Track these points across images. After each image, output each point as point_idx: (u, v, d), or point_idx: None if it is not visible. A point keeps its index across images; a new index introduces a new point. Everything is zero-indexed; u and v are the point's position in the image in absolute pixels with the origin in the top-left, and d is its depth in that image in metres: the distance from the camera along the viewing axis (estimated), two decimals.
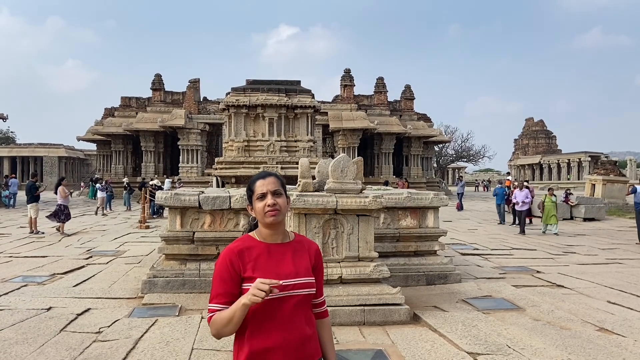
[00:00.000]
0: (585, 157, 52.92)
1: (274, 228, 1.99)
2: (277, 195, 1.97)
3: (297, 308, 1.92)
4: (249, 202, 2.04)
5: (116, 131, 32.91)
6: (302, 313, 1.95)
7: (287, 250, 1.99)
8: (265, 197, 1.96)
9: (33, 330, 5.17)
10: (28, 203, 13.93)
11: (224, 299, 1.88)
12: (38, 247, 11.08)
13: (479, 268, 8.81)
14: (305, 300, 1.97)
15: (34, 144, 52.87)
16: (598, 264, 9.31)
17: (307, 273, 1.99)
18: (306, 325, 1.95)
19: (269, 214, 1.94)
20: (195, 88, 34.18)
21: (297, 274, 1.94)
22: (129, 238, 12.89)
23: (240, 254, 1.93)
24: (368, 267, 5.81)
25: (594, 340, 4.88)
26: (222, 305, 1.87)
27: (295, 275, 1.94)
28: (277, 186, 1.99)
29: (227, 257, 1.92)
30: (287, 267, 1.95)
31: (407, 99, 37.42)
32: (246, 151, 16.60)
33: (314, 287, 2.00)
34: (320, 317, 2.11)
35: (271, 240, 2.00)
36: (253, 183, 2.01)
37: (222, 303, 1.88)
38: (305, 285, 1.95)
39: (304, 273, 1.97)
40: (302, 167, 6.24)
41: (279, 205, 1.96)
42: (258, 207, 1.97)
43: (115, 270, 8.52)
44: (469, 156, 53.69)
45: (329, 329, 2.14)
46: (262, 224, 1.99)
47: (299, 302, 1.93)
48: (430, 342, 4.86)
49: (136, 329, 5.26)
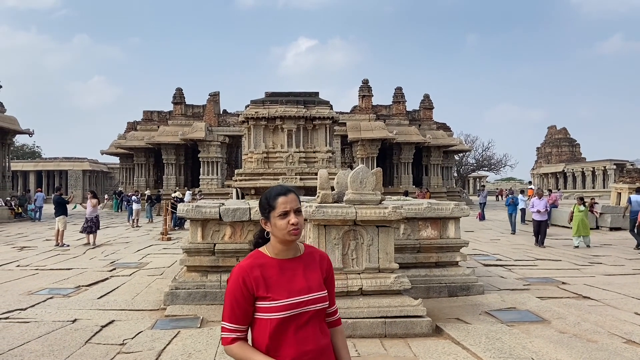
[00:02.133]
0: (610, 165, 51.85)
1: (291, 244, 1.99)
2: (299, 214, 1.97)
3: (312, 322, 1.94)
4: (265, 217, 2.01)
5: (138, 144, 33.48)
6: (317, 325, 1.96)
7: (299, 266, 1.99)
8: (288, 214, 1.94)
9: (59, 342, 5.26)
10: (56, 216, 14.26)
11: (237, 319, 1.91)
12: (63, 260, 11.29)
13: (502, 279, 8.67)
14: (319, 313, 1.98)
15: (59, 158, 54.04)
16: (625, 275, 9.08)
17: (320, 287, 1.99)
18: (321, 336, 1.97)
19: (292, 232, 1.93)
20: (215, 101, 34.62)
21: (309, 289, 1.95)
22: (151, 250, 13.05)
23: (252, 273, 1.93)
24: (389, 279, 5.78)
25: (621, 352, 4.76)
26: (235, 325, 1.90)
27: (308, 290, 1.94)
28: (298, 204, 1.99)
29: (240, 278, 1.92)
30: (300, 283, 1.95)
31: (426, 108, 37.26)
32: (265, 163, 16.69)
33: (327, 300, 2.02)
34: (334, 325, 2.11)
35: (283, 256, 2.00)
36: (274, 199, 1.97)
37: (236, 323, 1.91)
38: (318, 300, 1.96)
39: (316, 288, 1.98)
40: (321, 179, 6.26)
41: (300, 224, 1.96)
42: (280, 224, 1.94)
43: (138, 282, 8.63)
44: (490, 165, 53.13)
45: (343, 336, 2.14)
46: (280, 240, 1.98)
47: (313, 316, 1.94)
48: (453, 355, 4.80)
49: (159, 340, 5.32)
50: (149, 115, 36.14)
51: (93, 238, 14.22)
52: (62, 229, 13.92)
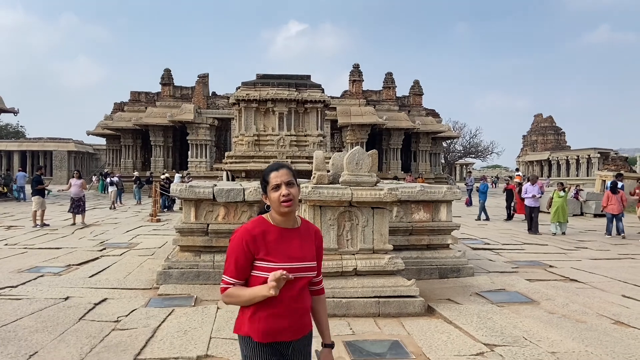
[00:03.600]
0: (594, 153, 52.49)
1: (287, 215, 2.17)
2: (290, 186, 2.15)
3: (302, 287, 2.18)
4: (264, 192, 2.22)
5: (126, 126, 33.07)
6: (305, 291, 2.23)
7: (296, 236, 2.20)
8: (279, 188, 2.13)
9: (52, 319, 5.24)
10: (33, 195, 14.08)
11: (237, 275, 2.14)
12: (52, 239, 11.20)
13: (490, 262, 8.80)
14: (308, 280, 2.23)
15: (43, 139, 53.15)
16: (611, 259, 9.27)
17: (312, 258, 2.23)
18: (307, 301, 2.24)
19: (284, 204, 2.12)
20: (204, 83, 34.25)
21: (304, 258, 2.18)
22: (140, 231, 12.98)
23: (255, 235, 2.13)
24: (383, 259, 5.83)
25: (610, 333, 4.88)
26: (235, 280, 2.13)
27: (303, 259, 2.17)
28: (290, 177, 2.17)
29: (243, 238, 2.13)
30: (296, 251, 2.16)
31: (416, 94, 37.28)
32: (256, 145, 16.64)
33: (316, 270, 2.27)
34: (318, 294, 2.36)
35: (283, 225, 2.19)
36: (267, 175, 2.19)
37: (235, 277, 2.14)
38: (310, 269, 2.21)
39: (310, 257, 2.21)
40: (317, 160, 6.26)
41: (292, 195, 2.14)
42: (273, 197, 2.14)
43: (129, 261, 8.60)
44: (477, 152, 53.45)
45: (325, 304, 2.41)
46: (277, 212, 2.17)
47: (303, 282, 2.19)
48: (446, 333, 4.88)
49: (153, 318, 5.32)
50: (137, 96, 35.65)
51: (82, 217, 14.17)
52: (36, 209, 13.62)
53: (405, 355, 4.33)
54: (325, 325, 2.36)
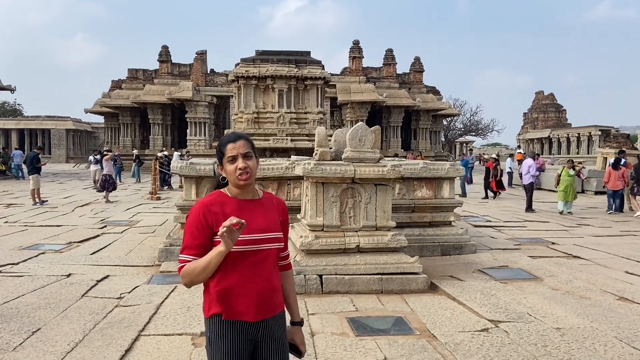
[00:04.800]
0: (595, 131, 52.25)
1: (244, 188, 2.06)
2: (248, 158, 2.03)
3: (266, 261, 2.03)
4: (219, 163, 2.09)
5: (124, 103, 32.78)
6: (271, 266, 2.06)
7: (258, 207, 2.08)
8: (236, 159, 2.01)
9: (55, 296, 5.22)
10: (29, 174, 14.05)
11: (195, 251, 1.96)
12: (52, 217, 11.16)
13: (492, 239, 8.79)
14: (274, 254, 2.09)
15: (41, 117, 52.72)
16: (613, 236, 9.26)
17: (277, 228, 2.09)
18: (276, 278, 2.09)
19: (240, 177, 2.00)
20: (203, 60, 33.85)
21: (268, 229, 2.04)
22: (141, 209, 12.95)
23: (212, 208, 2.00)
24: (386, 236, 5.79)
25: (615, 309, 4.87)
26: (193, 257, 1.94)
27: (267, 230, 2.03)
28: (247, 149, 2.04)
29: (199, 211, 1.99)
30: (259, 222, 2.03)
31: (417, 71, 36.91)
32: (256, 123, 16.50)
33: (282, 241, 2.13)
34: (285, 269, 2.23)
35: (242, 197, 2.07)
36: (224, 146, 2.06)
37: (193, 254, 1.95)
38: (275, 240, 2.07)
39: (274, 228, 2.08)
40: (319, 136, 6.18)
41: (250, 168, 2.02)
42: (229, 169, 2.02)
43: (130, 239, 8.58)
44: (477, 130, 53.25)
45: (292, 280, 2.29)
46: (234, 184, 2.06)
47: (268, 256, 2.04)
48: (450, 309, 4.87)
49: (156, 295, 5.31)
50: (134, 74, 35.26)
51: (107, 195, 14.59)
52: (32, 187, 13.62)
53: (409, 331, 4.32)
54: (294, 302, 2.24)
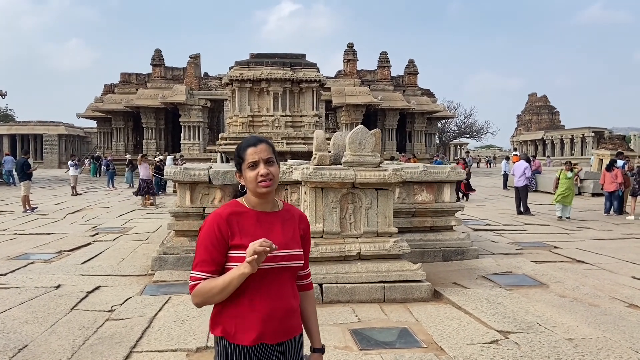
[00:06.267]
0: (589, 132, 52.42)
1: (265, 197, 1.88)
2: (270, 164, 1.86)
3: (285, 280, 1.87)
4: (238, 171, 1.92)
5: (116, 108, 32.46)
6: (290, 285, 1.90)
7: (277, 220, 1.90)
8: (257, 165, 1.84)
9: (43, 309, 5.00)
10: (20, 181, 13.81)
11: (210, 267, 1.79)
12: (42, 224, 10.90)
13: (493, 244, 8.63)
14: (293, 272, 1.91)
15: (33, 122, 52.19)
16: (615, 239, 9.13)
17: (297, 245, 1.91)
18: (292, 298, 1.90)
19: (262, 184, 1.83)
20: (196, 63, 33.60)
21: (287, 245, 1.85)
22: (134, 215, 12.70)
23: (228, 220, 1.82)
24: (387, 243, 5.61)
25: (626, 317, 4.70)
26: (207, 274, 1.78)
27: (285, 246, 1.84)
28: (269, 154, 1.87)
29: (214, 223, 1.81)
30: (277, 237, 1.83)
31: (411, 73, 36.82)
32: (250, 126, 16.31)
33: (302, 259, 1.93)
34: (305, 289, 2.04)
35: (261, 209, 1.90)
36: (243, 150, 1.88)
37: (207, 271, 1.78)
38: (294, 257, 1.88)
39: (293, 245, 1.89)
40: (317, 140, 5.99)
41: (272, 175, 1.85)
42: (250, 176, 1.84)
43: (122, 247, 8.34)
44: (471, 132, 53.25)
45: (314, 302, 2.08)
46: (253, 193, 1.88)
47: (287, 274, 1.88)
48: (456, 319, 4.69)
49: (149, 307, 5.09)
50: (127, 78, 34.96)
51: (152, 198, 15.08)
52: (24, 194, 13.41)
53: (416, 343, 4.13)
54: (315, 326, 2.03)
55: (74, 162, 20.04)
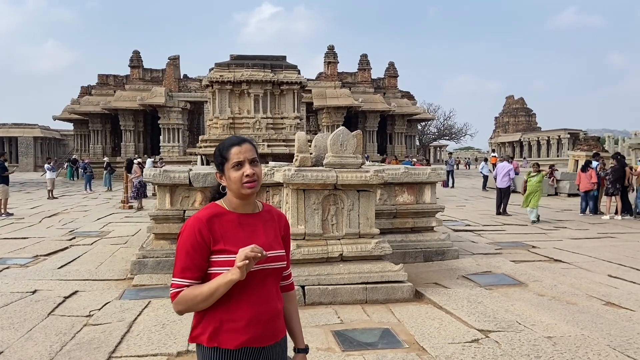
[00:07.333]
0: (564, 134, 53.39)
1: (247, 198, 1.84)
2: (255, 164, 1.82)
3: (268, 282, 1.83)
4: (220, 171, 1.86)
5: (94, 110, 31.95)
6: (274, 287, 1.87)
7: (259, 222, 1.87)
8: (242, 165, 1.80)
9: (19, 315, 4.88)
10: None
11: (192, 274, 1.73)
12: (18, 229, 10.66)
13: (473, 244, 8.72)
14: (276, 273, 1.88)
15: (7, 124, 51.09)
16: (591, 238, 9.31)
17: (279, 246, 1.89)
18: (277, 300, 1.88)
19: (247, 185, 1.78)
20: (175, 65, 33.28)
21: (270, 247, 1.81)
22: (112, 218, 12.51)
23: (210, 224, 1.77)
24: (369, 244, 5.62)
25: (603, 315, 4.79)
26: (189, 281, 1.72)
27: (269, 248, 1.80)
28: (254, 154, 1.84)
29: (195, 227, 1.75)
30: (260, 239, 1.80)
31: (391, 76, 37.07)
32: (231, 128, 16.22)
33: (285, 260, 1.91)
34: (287, 289, 2.02)
35: (242, 211, 1.85)
36: (227, 150, 1.82)
37: (189, 278, 1.72)
38: (278, 258, 1.86)
39: (276, 246, 1.87)
40: (299, 142, 5.98)
41: (257, 175, 1.82)
42: (234, 177, 1.79)
43: (101, 251, 8.20)
44: (451, 134, 53.86)
45: (296, 302, 2.07)
46: (236, 194, 1.83)
47: (270, 276, 1.84)
48: (437, 319, 4.72)
49: (129, 311, 5.01)
50: (105, 79, 34.44)
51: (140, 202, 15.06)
52: (1, 197, 13.02)
53: (398, 344, 4.14)
54: (298, 326, 2.02)
55: (51, 165, 19.68)
